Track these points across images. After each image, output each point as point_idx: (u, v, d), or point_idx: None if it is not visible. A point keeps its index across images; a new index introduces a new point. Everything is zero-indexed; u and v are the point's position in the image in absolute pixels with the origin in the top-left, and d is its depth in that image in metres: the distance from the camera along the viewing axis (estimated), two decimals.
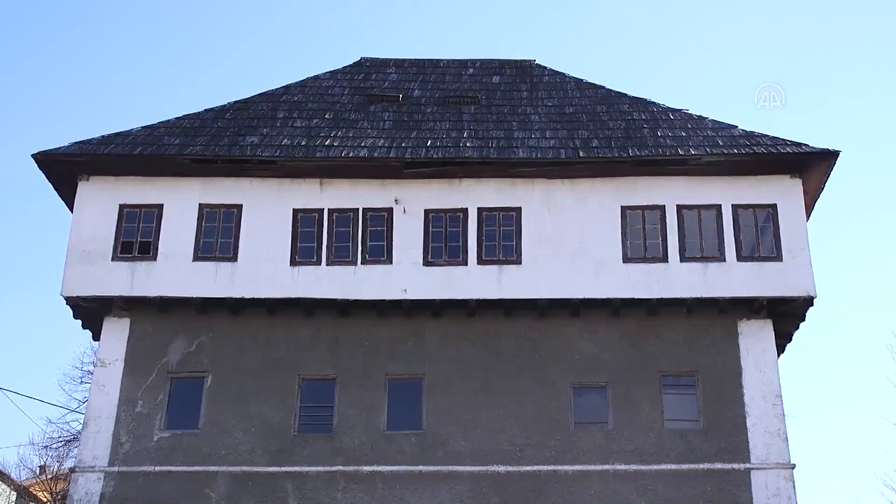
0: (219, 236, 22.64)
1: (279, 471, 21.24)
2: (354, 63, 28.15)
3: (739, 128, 23.75)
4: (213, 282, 22.18)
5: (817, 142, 22.81)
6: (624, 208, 22.74)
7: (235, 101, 25.42)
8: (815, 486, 51.99)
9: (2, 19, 71.01)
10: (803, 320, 22.86)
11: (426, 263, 22.34)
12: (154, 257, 22.41)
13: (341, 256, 22.47)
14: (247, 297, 22.12)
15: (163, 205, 22.86)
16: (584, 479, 21.11)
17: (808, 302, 22.09)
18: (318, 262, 22.39)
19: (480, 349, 22.27)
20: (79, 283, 22.14)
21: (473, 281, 22.15)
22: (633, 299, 22.06)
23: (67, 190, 23.30)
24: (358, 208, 22.83)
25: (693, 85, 71.42)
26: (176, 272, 22.24)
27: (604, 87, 26.34)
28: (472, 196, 22.88)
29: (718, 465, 21.14)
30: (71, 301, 22.38)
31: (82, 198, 22.92)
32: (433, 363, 22.18)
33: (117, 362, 22.08)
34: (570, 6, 76.13)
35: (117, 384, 21.90)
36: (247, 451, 21.43)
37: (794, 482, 20.98)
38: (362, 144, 23.29)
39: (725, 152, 22.69)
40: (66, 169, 22.94)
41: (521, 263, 22.32)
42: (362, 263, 22.37)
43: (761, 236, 22.46)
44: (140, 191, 22.99)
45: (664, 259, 22.29)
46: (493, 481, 21.15)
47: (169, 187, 23.02)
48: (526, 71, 27.67)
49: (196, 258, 22.41)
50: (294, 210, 22.85)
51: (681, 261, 22.24)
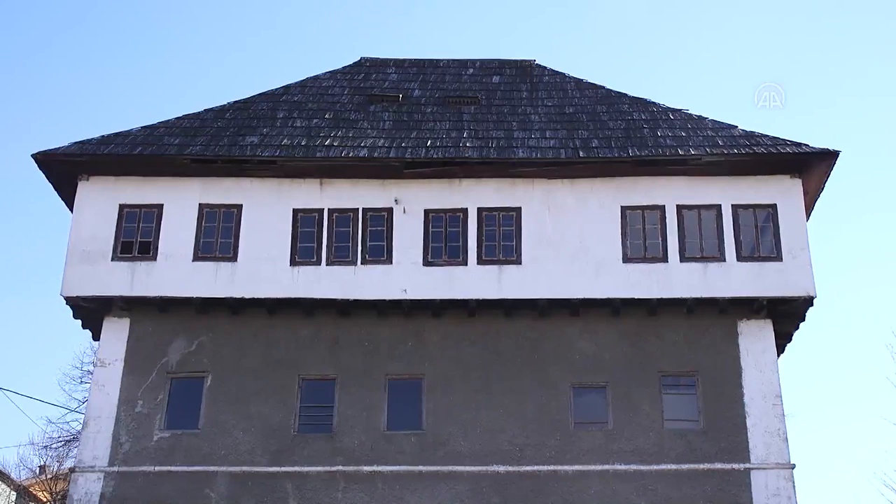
0: (219, 236, 22.64)
1: (279, 471, 21.24)
2: (354, 63, 28.16)
3: (739, 128, 23.75)
4: (213, 282, 22.18)
5: (817, 142, 22.84)
6: (624, 208, 22.74)
7: (235, 101, 25.43)
8: (815, 486, 52.03)
9: (2, 19, 71.03)
10: (803, 320, 22.87)
11: (426, 263, 22.34)
12: (154, 257, 22.41)
13: (341, 256, 22.46)
14: (247, 297, 22.12)
15: (163, 205, 22.87)
16: (584, 479, 21.11)
17: (808, 302, 22.09)
18: (318, 262, 22.39)
19: (480, 349, 22.27)
20: (79, 283, 22.14)
21: (473, 281, 22.15)
22: (633, 299, 22.06)
23: (67, 190, 23.30)
24: (358, 208, 22.83)
25: (693, 85, 71.47)
26: (176, 272, 22.24)
27: (604, 87, 26.35)
28: (472, 196, 22.88)
29: (718, 465, 21.14)
30: (71, 301, 22.38)
31: (82, 198, 22.92)
32: (433, 363, 22.19)
33: (117, 362, 22.09)
34: (570, 6, 76.20)
35: (117, 384, 21.90)
36: (247, 451, 21.43)
37: (793, 482, 20.98)
38: (362, 144, 23.29)
39: (725, 152, 22.69)
40: (66, 169, 22.94)
41: (521, 263, 22.32)
42: (362, 263, 22.37)
43: (761, 236, 22.46)
44: (140, 191, 22.99)
45: (664, 259, 22.29)
46: (493, 481, 21.15)
47: (169, 187, 23.02)
48: (526, 71, 27.68)
49: (196, 258, 22.41)
50: (294, 210, 22.85)
51: (681, 261, 22.24)
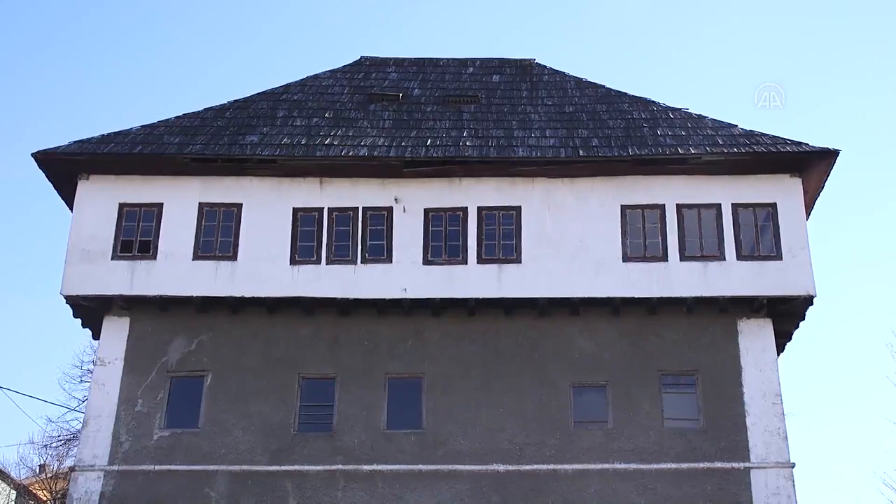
0: (219, 235, 22.64)
1: (279, 470, 21.24)
2: (354, 62, 28.14)
3: (739, 127, 23.75)
4: (212, 281, 22.18)
5: (817, 141, 22.84)
6: (624, 207, 22.74)
7: (235, 100, 25.42)
8: (815, 485, 52.00)
9: (2, 19, 71.01)
10: (803, 319, 22.87)
11: (426, 262, 22.34)
12: (154, 256, 22.41)
13: (341, 255, 22.46)
14: (247, 296, 22.12)
15: (163, 204, 22.86)
16: (584, 478, 21.11)
17: (808, 301, 22.09)
18: (318, 261, 22.39)
19: (480, 348, 22.27)
20: (79, 282, 22.14)
21: (473, 280, 22.15)
22: (633, 298, 22.06)
23: (67, 189, 23.29)
24: (358, 207, 22.83)
25: (693, 84, 71.44)
26: (176, 271, 22.24)
27: (604, 87, 26.34)
28: (472, 195, 22.87)
29: (718, 464, 21.14)
30: (71, 300, 22.38)
31: (82, 197, 22.91)
32: (433, 362, 22.19)
33: (117, 361, 22.09)
34: (570, 5, 76.18)
35: (117, 383, 21.90)
36: (247, 450, 21.43)
37: (793, 481, 20.98)
38: (362, 143, 23.29)
39: (725, 151, 22.69)
40: (65, 168, 22.94)
41: (520, 262, 22.31)
42: (362, 262, 22.37)
43: (761, 235, 22.46)
44: (140, 190, 22.99)
45: (664, 258, 22.29)
46: (493, 480, 21.15)
47: (169, 186, 23.01)
48: (526, 70, 27.67)
49: (196, 257, 22.40)
50: (294, 209, 22.84)
51: (681, 260, 22.25)
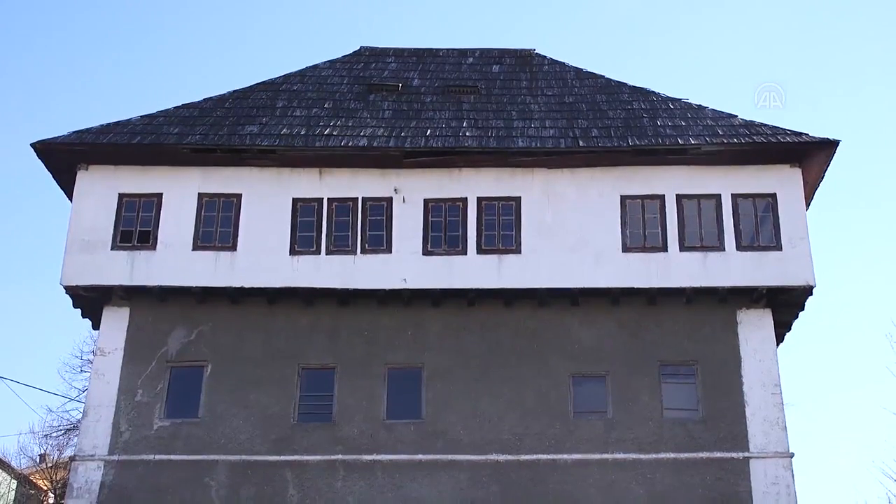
0: (218, 225, 22.63)
1: (279, 459, 21.27)
2: (354, 52, 28.10)
3: (739, 117, 23.73)
4: (212, 271, 22.17)
5: (817, 132, 22.81)
6: (623, 198, 22.73)
7: (234, 91, 25.38)
8: (814, 475, 52.12)
9: (2, 10, 70.85)
10: (802, 309, 22.89)
11: (426, 253, 22.33)
12: (153, 246, 22.40)
13: (341, 246, 22.46)
14: (246, 286, 22.12)
15: (162, 194, 22.84)
16: (584, 467, 21.15)
17: (808, 291, 22.10)
18: (318, 252, 22.39)
19: (480, 338, 22.28)
20: (78, 273, 22.14)
21: (473, 270, 22.15)
22: (633, 289, 22.07)
23: (67, 179, 23.27)
24: (357, 198, 22.81)
25: (693, 76, 71.37)
26: (175, 261, 22.24)
27: (603, 77, 26.31)
28: (472, 185, 22.86)
29: (717, 454, 21.18)
30: (70, 290, 22.37)
31: (81, 187, 22.90)
32: (433, 352, 22.20)
33: (117, 351, 22.10)
34: None
35: (117, 373, 21.92)
36: (247, 440, 21.46)
37: (792, 471, 21.02)
38: (362, 134, 23.27)
39: (725, 142, 22.67)
40: (65, 158, 22.91)
41: (520, 253, 22.31)
42: (362, 253, 22.37)
43: (761, 226, 22.45)
44: (139, 180, 22.97)
45: (664, 248, 22.29)
46: (493, 470, 21.19)
47: (168, 176, 22.99)
48: (525, 60, 27.63)
49: (195, 247, 22.39)
50: (293, 199, 22.83)
51: (680, 250, 22.24)
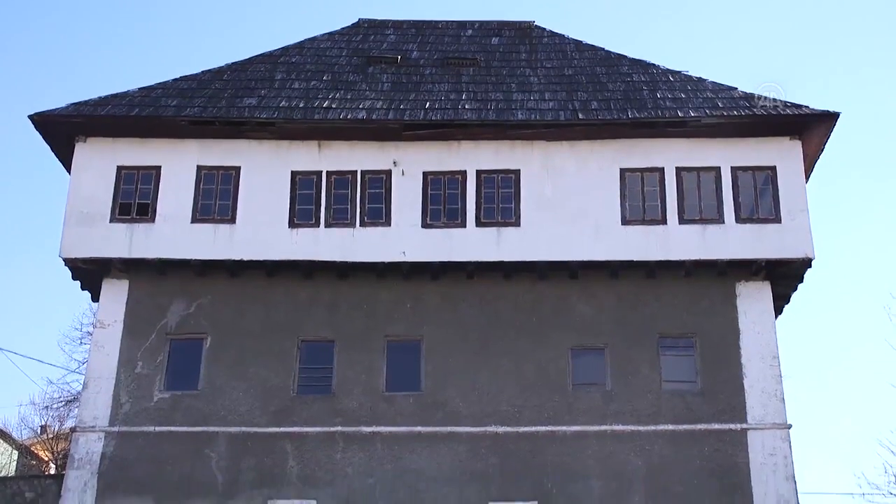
0: (217, 198, 22.60)
1: (278, 431, 21.37)
2: (352, 24, 27.98)
3: (739, 90, 23.65)
4: (211, 244, 22.17)
5: (817, 105, 22.74)
6: (623, 170, 22.69)
7: (233, 63, 25.29)
8: (812, 446, 52.38)
9: None
10: (801, 282, 22.92)
11: (425, 226, 22.32)
12: (152, 219, 22.38)
13: (340, 219, 22.44)
14: (245, 259, 22.13)
15: (161, 166, 22.80)
16: (582, 439, 21.25)
17: (807, 264, 22.12)
18: (317, 225, 22.38)
19: (479, 311, 22.32)
20: (77, 245, 22.13)
21: (472, 243, 22.15)
22: (632, 261, 22.08)
23: (65, 152, 23.21)
24: (356, 170, 22.77)
25: (693, 48, 71.07)
26: (174, 234, 22.23)
27: (603, 49, 26.21)
28: (471, 158, 22.82)
29: (715, 426, 21.27)
30: (69, 262, 22.39)
31: (80, 159, 22.84)
32: (432, 325, 22.25)
33: (116, 324, 22.14)
34: None
35: (117, 345, 21.98)
36: (246, 412, 21.54)
37: (790, 442, 21.13)
38: (360, 106, 23.19)
39: (725, 114, 22.62)
40: (63, 130, 22.85)
41: (519, 226, 22.31)
42: (361, 226, 22.36)
43: (760, 198, 22.43)
44: (138, 152, 22.91)
45: (663, 221, 22.28)
46: (492, 442, 21.29)
47: (167, 149, 22.93)
48: (525, 32, 27.52)
49: (194, 220, 22.38)
50: (292, 172, 22.78)
51: (680, 223, 22.24)
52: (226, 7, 79.72)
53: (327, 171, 22.77)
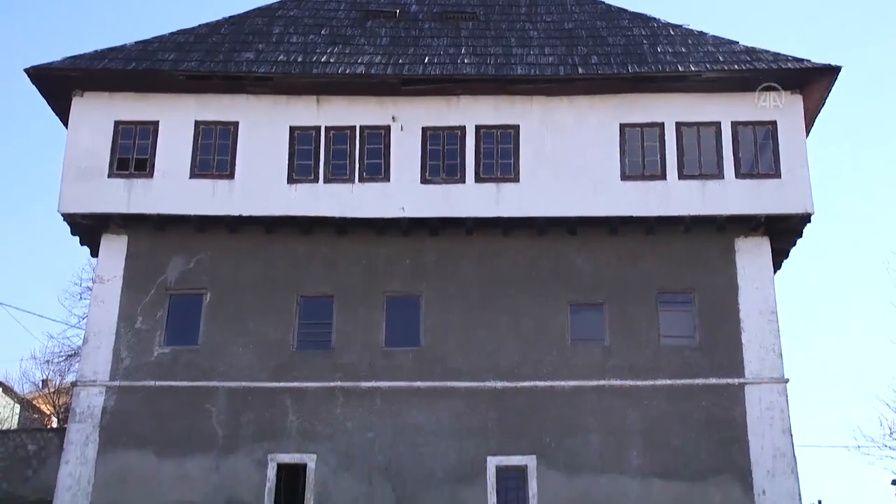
0: (216, 154, 22.51)
1: (278, 386, 21.48)
2: None
3: (740, 44, 23.47)
4: (210, 199, 22.13)
5: (819, 59, 22.57)
6: (623, 126, 22.59)
7: (230, 17, 25.07)
8: (809, 400, 52.75)
9: None
10: (801, 237, 22.93)
11: (424, 181, 22.27)
12: (151, 174, 22.31)
13: (339, 174, 22.37)
14: (244, 214, 22.10)
15: (158, 121, 22.67)
16: (581, 394, 21.37)
17: (806, 219, 22.11)
18: (316, 180, 22.32)
19: (478, 267, 22.34)
20: (75, 200, 22.08)
21: (471, 199, 22.11)
22: (631, 217, 22.05)
23: (62, 106, 23.07)
24: (355, 126, 22.66)
25: (694, 2, 70.38)
26: (173, 189, 22.17)
27: (603, 3, 25.99)
28: (470, 113, 22.70)
29: (713, 381, 21.39)
30: (68, 218, 22.35)
31: (77, 114, 22.71)
32: (431, 281, 22.28)
33: (116, 279, 22.16)
34: None
35: (116, 300, 22.02)
36: (246, 367, 21.64)
37: (787, 396, 21.26)
38: (359, 61, 23.02)
39: (726, 68, 22.46)
40: (59, 84, 22.68)
41: (518, 181, 22.25)
42: (360, 181, 22.30)
43: (760, 153, 22.35)
44: (135, 107, 22.78)
45: (662, 176, 22.22)
46: (491, 397, 21.41)
47: (164, 104, 22.79)
48: None
49: (193, 175, 22.30)
50: (291, 127, 22.66)
51: (679, 178, 22.18)
52: None
53: (326, 127, 22.66)
